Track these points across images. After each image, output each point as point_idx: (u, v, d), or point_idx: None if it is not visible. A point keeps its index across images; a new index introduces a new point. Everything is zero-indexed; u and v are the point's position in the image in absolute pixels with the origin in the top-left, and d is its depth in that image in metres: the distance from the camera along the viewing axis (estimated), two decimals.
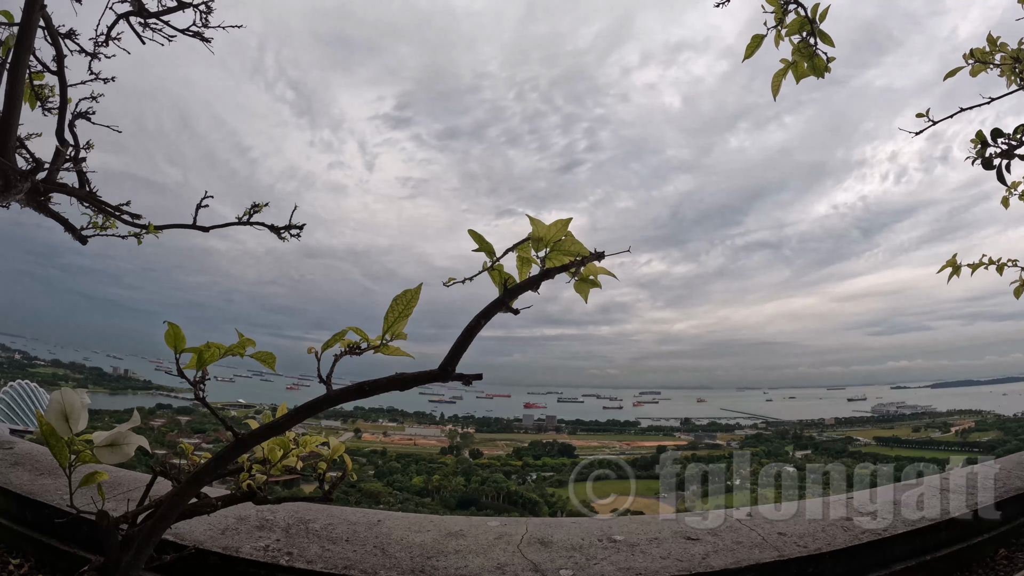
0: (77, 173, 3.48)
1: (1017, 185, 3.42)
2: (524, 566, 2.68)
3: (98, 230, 3.83)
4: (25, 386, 61.96)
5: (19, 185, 2.87)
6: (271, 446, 1.75)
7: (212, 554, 2.62)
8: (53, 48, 3.31)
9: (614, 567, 2.69)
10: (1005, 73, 3.00)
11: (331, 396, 1.32)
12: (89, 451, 1.29)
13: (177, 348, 1.34)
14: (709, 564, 2.71)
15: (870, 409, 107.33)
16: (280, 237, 4.08)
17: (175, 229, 3.97)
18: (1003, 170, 2.91)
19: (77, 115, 3.65)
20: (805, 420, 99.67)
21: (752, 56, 2.38)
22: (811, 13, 2.29)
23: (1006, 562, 3.30)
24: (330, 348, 1.34)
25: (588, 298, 1.28)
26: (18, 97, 2.75)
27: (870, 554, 2.95)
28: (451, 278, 1.37)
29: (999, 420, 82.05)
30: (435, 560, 2.70)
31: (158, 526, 1.43)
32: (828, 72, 2.36)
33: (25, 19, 2.73)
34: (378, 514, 3.27)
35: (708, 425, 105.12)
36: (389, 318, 1.30)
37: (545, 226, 1.21)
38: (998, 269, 3.60)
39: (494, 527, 3.12)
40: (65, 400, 1.25)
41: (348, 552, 2.73)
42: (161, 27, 3.65)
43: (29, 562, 2.91)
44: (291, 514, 3.07)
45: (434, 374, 1.26)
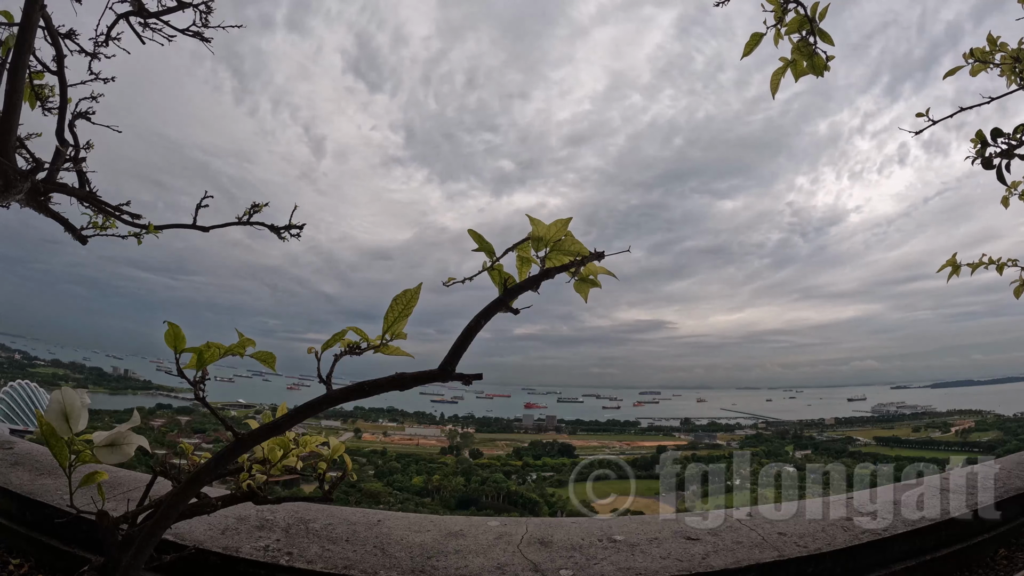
0: (77, 173, 3.47)
1: (1017, 185, 3.42)
2: (524, 566, 2.68)
3: (98, 230, 3.82)
4: (25, 386, 61.95)
5: (19, 185, 2.87)
6: (271, 446, 1.75)
7: (212, 554, 2.62)
8: (53, 48, 3.31)
9: (614, 567, 2.69)
10: (1005, 73, 3.00)
11: (331, 396, 1.32)
12: (89, 451, 1.29)
13: (177, 348, 1.34)
14: (709, 564, 2.71)
15: (870, 409, 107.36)
16: (280, 237, 4.08)
17: (175, 229, 3.97)
18: (1003, 170, 2.90)
19: (77, 115, 3.65)
20: (805, 420, 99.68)
21: (750, 54, 2.38)
22: (811, 12, 2.29)
23: (1006, 562, 3.30)
24: (330, 348, 1.34)
25: (587, 298, 1.28)
26: (18, 97, 2.74)
27: (870, 554, 2.95)
28: (451, 278, 1.37)
29: (999, 420, 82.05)
30: (435, 560, 2.70)
31: (158, 526, 1.43)
32: (827, 70, 2.37)
33: (25, 19, 2.73)
34: (378, 514, 3.26)
35: (708, 425, 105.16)
36: (389, 318, 1.30)
37: (545, 226, 1.21)
38: (998, 269, 3.60)
39: (494, 527, 3.12)
40: (65, 400, 1.25)
41: (348, 552, 2.73)
42: (161, 27, 3.65)
43: (29, 562, 2.91)
44: (291, 514, 3.07)
45: (434, 374, 1.26)
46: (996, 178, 2.93)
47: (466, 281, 1.34)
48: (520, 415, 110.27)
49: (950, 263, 3.61)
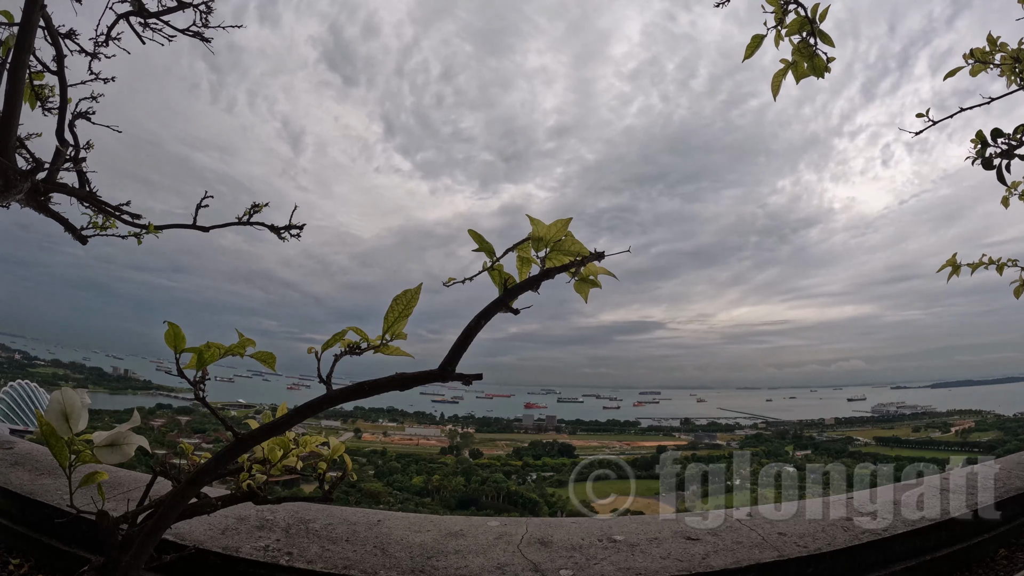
0: (77, 173, 3.47)
1: (1017, 185, 3.41)
2: (524, 566, 2.68)
3: (98, 230, 3.82)
4: (25, 386, 61.98)
5: (19, 185, 2.87)
6: (271, 446, 1.75)
7: (212, 554, 2.62)
8: (53, 48, 3.31)
9: (614, 567, 2.69)
10: (1005, 73, 3.00)
11: (331, 396, 1.32)
12: (89, 451, 1.29)
13: (177, 348, 1.34)
14: (709, 564, 2.71)
15: (870, 409, 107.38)
16: (280, 237, 4.08)
17: (175, 229, 3.97)
18: (1003, 170, 2.90)
19: (77, 115, 3.65)
20: (805, 420, 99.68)
21: (751, 56, 2.38)
22: (811, 13, 2.29)
23: (1006, 562, 3.30)
24: (330, 348, 1.34)
25: (588, 298, 1.28)
26: (18, 97, 2.74)
27: (870, 554, 2.95)
28: (451, 278, 1.37)
29: (999, 420, 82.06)
30: (435, 560, 2.70)
31: (158, 526, 1.43)
32: (828, 72, 2.37)
33: (25, 19, 2.73)
34: (378, 514, 3.26)
35: (708, 425, 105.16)
36: (389, 318, 1.30)
37: (545, 226, 1.21)
38: (998, 269, 3.60)
39: (494, 527, 3.12)
40: (65, 400, 1.25)
41: (348, 552, 2.73)
42: (161, 27, 3.65)
43: (29, 562, 2.91)
44: (291, 514, 3.07)
45: (434, 374, 1.26)
46: (996, 178, 2.93)
47: (466, 281, 1.34)
48: (520, 415, 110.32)
49: (950, 263, 3.60)
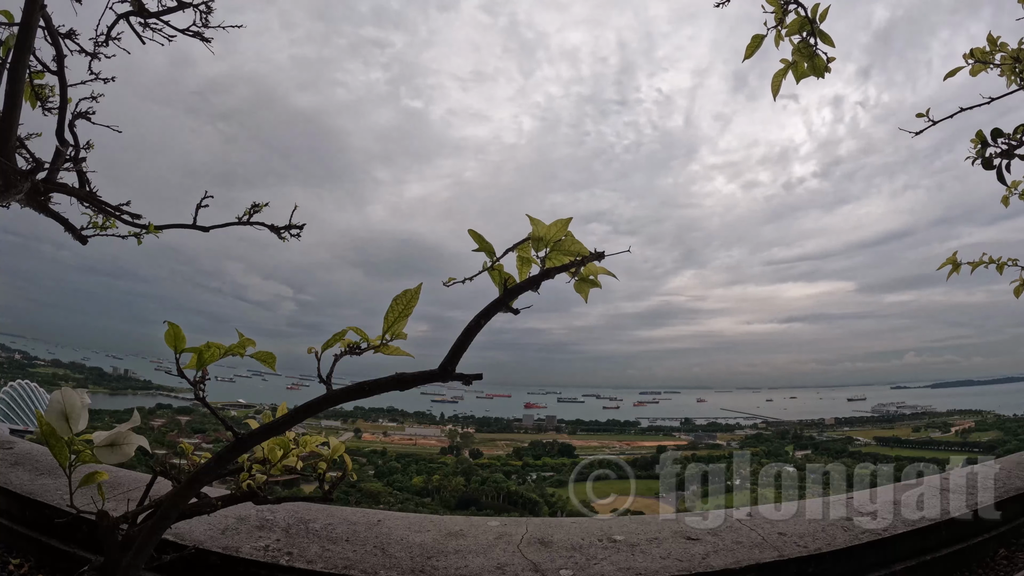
0: (77, 173, 3.47)
1: (1017, 185, 3.41)
2: (524, 566, 2.68)
3: (98, 230, 3.82)
4: (25, 386, 62.02)
5: (19, 185, 2.87)
6: (271, 446, 1.75)
7: (212, 554, 2.62)
8: (53, 48, 3.30)
9: (614, 567, 2.69)
10: (1005, 73, 3.00)
11: (331, 396, 1.32)
12: (89, 451, 1.29)
13: (177, 348, 1.34)
14: (709, 564, 2.71)
15: (870, 409, 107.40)
16: (280, 237, 4.07)
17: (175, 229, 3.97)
18: (1003, 170, 2.90)
19: (77, 115, 3.64)
20: (805, 420, 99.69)
21: (751, 56, 2.38)
22: (811, 13, 2.29)
23: (1006, 562, 3.30)
24: (330, 348, 1.34)
25: (588, 298, 1.28)
26: (18, 97, 2.74)
27: (870, 554, 2.95)
28: (451, 278, 1.37)
29: (999, 420, 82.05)
30: (435, 560, 2.70)
31: (158, 526, 1.43)
32: (828, 72, 2.36)
33: (25, 19, 2.73)
34: (378, 514, 3.26)
35: (708, 425, 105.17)
36: (389, 318, 1.30)
37: (545, 226, 1.21)
38: (998, 268, 3.60)
39: (494, 527, 3.12)
40: (65, 400, 1.25)
41: (348, 552, 2.73)
42: (161, 27, 3.65)
43: (29, 562, 2.91)
44: (291, 514, 3.07)
45: (434, 374, 1.26)
46: (996, 178, 2.93)
47: (466, 281, 1.34)
48: (520, 415, 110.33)
49: (950, 261, 3.60)
